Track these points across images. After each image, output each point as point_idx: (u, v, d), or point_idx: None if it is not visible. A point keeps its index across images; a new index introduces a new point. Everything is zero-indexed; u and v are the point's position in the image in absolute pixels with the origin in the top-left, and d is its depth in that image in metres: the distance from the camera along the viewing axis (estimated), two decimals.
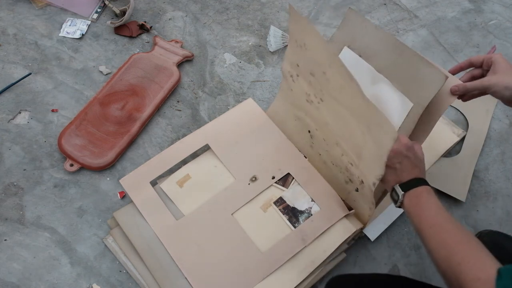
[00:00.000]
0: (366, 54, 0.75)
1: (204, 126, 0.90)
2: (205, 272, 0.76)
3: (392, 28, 1.17)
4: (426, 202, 0.60)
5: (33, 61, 1.02)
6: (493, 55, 0.68)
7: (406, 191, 0.63)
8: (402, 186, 0.63)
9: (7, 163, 0.88)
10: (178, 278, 0.76)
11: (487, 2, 1.24)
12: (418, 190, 0.62)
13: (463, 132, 0.99)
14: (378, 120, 0.62)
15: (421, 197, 0.61)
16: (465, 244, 0.54)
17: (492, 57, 0.68)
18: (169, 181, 0.85)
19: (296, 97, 0.82)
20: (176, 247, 0.78)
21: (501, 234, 0.85)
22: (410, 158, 0.65)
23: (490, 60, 0.68)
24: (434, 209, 0.59)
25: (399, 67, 0.71)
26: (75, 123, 0.91)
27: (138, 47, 1.06)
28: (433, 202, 0.60)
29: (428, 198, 0.61)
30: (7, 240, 0.81)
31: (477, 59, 0.70)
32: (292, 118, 0.86)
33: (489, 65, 0.68)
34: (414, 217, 0.60)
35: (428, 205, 0.60)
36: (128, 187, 0.84)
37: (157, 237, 0.79)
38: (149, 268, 0.77)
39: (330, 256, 0.78)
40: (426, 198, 0.61)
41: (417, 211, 0.60)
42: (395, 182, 0.65)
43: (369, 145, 0.67)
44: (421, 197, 0.61)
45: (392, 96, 0.73)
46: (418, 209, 0.60)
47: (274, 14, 1.16)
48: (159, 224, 0.80)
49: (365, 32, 0.75)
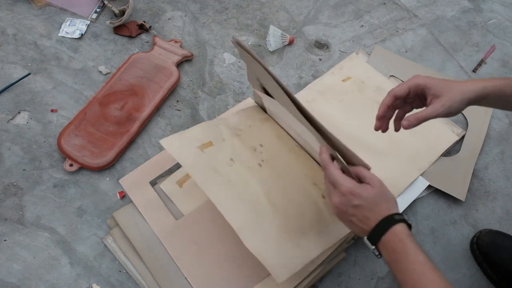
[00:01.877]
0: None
1: None
2: (205, 272, 0.76)
3: (392, 27, 1.17)
4: (401, 250, 0.54)
5: (33, 61, 1.02)
6: (414, 81, 0.64)
7: (376, 243, 0.56)
8: (371, 237, 0.57)
9: (7, 163, 0.88)
10: (178, 278, 0.76)
11: (486, 1, 1.24)
12: (387, 237, 0.55)
13: (462, 131, 0.99)
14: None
15: (393, 243, 0.55)
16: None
17: (418, 83, 0.64)
18: (169, 181, 0.85)
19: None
20: (176, 247, 0.78)
21: (500, 234, 0.85)
22: (361, 205, 0.57)
23: (418, 86, 0.64)
24: (410, 257, 0.54)
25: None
26: (75, 123, 0.91)
27: (137, 47, 1.06)
28: (408, 248, 0.54)
29: (403, 245, 0.54)
30: (7, 240, 0.81)
31: (401, 90, 0.65)
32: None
33: (419, 90, 0.64)
34: (392, 267, 0.55)
35: (404, 254, 0.54)
36: (127, 187, 0.84)
37: (157, 237, 0.79)
38: (149, 268, 0.77)
39: (330, 256, 0.78)
40: (400, 245, 0.54)
41: (394, 260, 0.55)
42: (363, 234, 0.58)
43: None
44: (395, 244, 0.55)
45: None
46: (395, 257, 0.54)
47: (274, 13, 1.16)
48: (159, 224, 0.80)
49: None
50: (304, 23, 1.16)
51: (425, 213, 0.90)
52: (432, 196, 0.92)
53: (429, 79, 0.64)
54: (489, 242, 0.84)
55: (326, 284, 0.81)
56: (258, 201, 0.72)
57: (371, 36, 1.15)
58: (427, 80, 0.64)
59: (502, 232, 0.86)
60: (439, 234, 0.88)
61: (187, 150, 0.74)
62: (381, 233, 0.56)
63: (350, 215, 0.59)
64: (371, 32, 1.15)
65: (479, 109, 1.03)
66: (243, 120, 0.83)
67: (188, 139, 0.75)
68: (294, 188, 0.75)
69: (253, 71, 0.74)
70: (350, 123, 0.96)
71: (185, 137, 0.76)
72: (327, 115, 0.96)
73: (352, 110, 0.98)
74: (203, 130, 0.78)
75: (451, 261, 0.86)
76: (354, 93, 1.01)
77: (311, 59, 1.09)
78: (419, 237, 0.87)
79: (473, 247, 0.86)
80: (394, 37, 1.15)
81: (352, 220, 0.59)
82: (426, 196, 0.91)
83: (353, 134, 0.94)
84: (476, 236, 0.86)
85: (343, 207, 0.59)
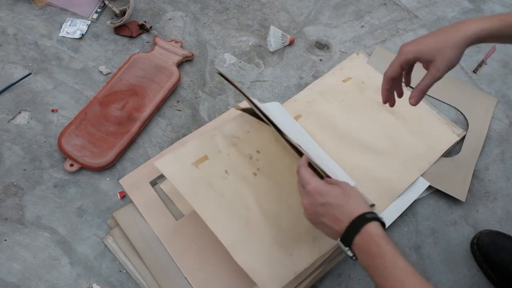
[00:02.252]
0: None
1: (204, 126, 0.90)
2: (205, 272, 0.76)
3: (392, 28, 1.17)
4: (378, 254, 0.51)
5: (33, 61, 1.02)
6: (403, 57, 0.62)
7: (350, 245, 0.54)
8: (344, 239, 0.54)
9: (7, 163, 0.88)
10: (178, 278, 0.76)
11: (487, 2, 1.24)
12: (361, 238, 0.53)
13: (463, 132, 0.99)
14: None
15: (368, 246, 0.52)
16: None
17: (407, 59, 0.61)
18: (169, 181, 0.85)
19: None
20: (176, 247, 0.78)
21: (501, 234, 0.85)
22: (328, 203, 0.56)
23: (408, 61, 0.62)
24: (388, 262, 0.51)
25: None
26: (75, 123, 0.91)
27: (138, 47, 1.06)
28: (385, 252, 0.51)
29: (378, 247, 0.52)
30: (7, 240, 0.81)
31: (394, 71, 0.63)
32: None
33: (412, 63, 0.62)
34: (370, 271, 0.52)
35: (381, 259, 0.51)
36: (128, 187, 0.84)
37: (157, 237, 0.79)
38: (149, 268, 0.77)
39: (330, 256, 0.78)
40: (376, 247, 0.52)
41: (371, 265, 0.52)
42: (336, 236, 0.56)
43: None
44: (370, 246, 0.52)
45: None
46: (372, 261, 0.52)
47: (274, 14, 1.16)
48: (159, 224, 0.80)
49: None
50: (304, 23, 1.16)
51: (426, 214, 0.90)
52: (433, 196, 0.92)
53: (416, 48, 0.61)
54: (490, 243, 0.84)
55: (326, 284, 0.81)
56: (251, 214, 0.73)
57: (371, 36, 1.15)
58: (415, 51, 0.61)
59: (503, 232, 0.86)
60: (439, 235, 0.88)
61: (181, 169, 0.75)
62: (353, 233, 0.53)
63: (320, 215, 0.57)
64: (372, 33, 1.15)
65: (480, 109, 1.04)
66: (240, 125, 0.83)
67: (182, 156, 0.77)
68: (289, 195, 0.76)
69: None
70: (351, 124, 0.96)
71: (179, 155, 0.77)
72: (327, 115, 0.96)
73: (352, 110, 0.98)
74: (198, 144, 0.79)
75: (451, 262, 0.86)
76: (355, 94, 1.01)
77: (312, 60, 1.09)
78: (420, 237, 0.87)
79: (474, 247, 0.86)
80: (394, 37, 1.15)
81: (324, 222, 0.57)
82: (426, 196, 0.91)
83: (353, 135, 0.94)
84: (477, 236, 0.86)
85: (311, 206, 0.58)
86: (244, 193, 0.75)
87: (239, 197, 0.75)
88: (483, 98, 1.06)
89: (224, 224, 0.71)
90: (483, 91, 1.08)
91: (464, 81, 1.09)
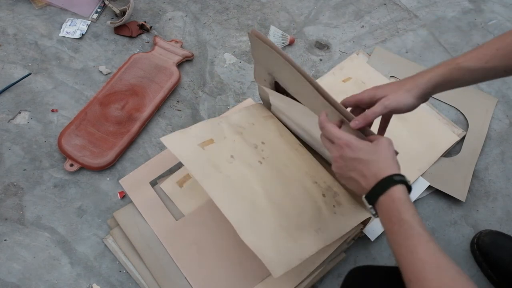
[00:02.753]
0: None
1: None
2: (205, 272, 0.76)
3: (392, 28, 1.17)
4: (397, 220, 0.52)
5: (33, 61, 1.02)
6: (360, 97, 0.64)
7: (374, 203, 0.54)
8: (369, 197, 0.55)
9: (7, 163, 0.88)
10: (178, 278, 0.76)
11: (487, 2, 1.24)
12: (384, 200, 0.53)
13: (463, 132, 0.99)
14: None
15: (390, 211, 0.52)
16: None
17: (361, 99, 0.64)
18: (169, 181, 0.85)
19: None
20: (176, 248, 0.78)
21: (501, 234, 0.85)
22: (358, 158, 0.56)
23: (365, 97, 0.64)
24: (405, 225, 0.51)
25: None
26: (75, 123, 0.91)
27: (138, 47, 1.06)
28: (402, 214, 0.51)
29: (399, 213, 0.52)
30: (7, 240, 0.81)
31: (348, 101, 0.66)
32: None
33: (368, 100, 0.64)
34: (388, 236, 0.53)
35: (398, 225, 0.52)
36: (128, 188, 0.84)
37: (157, 237, 0.79)
38: (149, 268, 0.77)
39: (330, 256, 0.78)
40: (397, 214, 0.52)
41: (389, 230, 0.53)
42: (362, 192, 0.56)
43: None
44: (391, 212, 0.52)
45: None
46: (391, 227, 0.52)
47: (274, 14, 1.16)
48: (159, 224, 0.80)
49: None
50: (304, 23, 1.16)
51: (426, 214, 0.90)
52: (433, 196, 0.92)
53: (372, 90, 0.64)
54: (490, 243, 0.84)
55: (326, 285, 0.81)
56: (257, 197, 0.72)
57: (371, 36, 1.15)
58: (370, 91, 0.64)
59: (503, 232, 0.86)
60: (439, 235, 0.88)
61: (187, 148, 0.74)
62: (378, 194, 0.53)
63: (349, 170, 0.57)
64: (372, 33, 1.15)
65: (480, 109, 1.03)
66: (245, 118, 0.83)
67: (189, 137, 0.76)
68: (294, 186, 0.76)
69: (264, 65, 0.74)
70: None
71: (186, 135, 0.76)
72: None
73: None
74: (204, 127, 0.78)
75: None
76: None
77: (312, 60, 1.09)
78: None
79: (473, 247, 0.86)
80: (394, 37, 1.15)
81: (352, 176, 0.56)
82: (426, 196, 0.91)
83: None
84: (477, 236, 0.86)
85: (341, 160, 0.57)
86: (250, 178, 0.74)
87: (245, 181, 0.73)
88: (483, 98, 1.06)
89: (231, 203, 0.69)
90: (483, 91, 1.08)
91: None
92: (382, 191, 0.53)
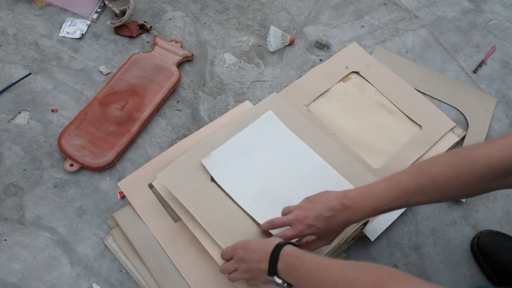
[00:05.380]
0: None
1: (202, 128, 0.91)
2: (204, 275, 0.76)
3: (392, 28, 1.17)
4: (298, 261, 0.57)
5: (33, 61, 1.02)
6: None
7: (276, 273, 0.59)
8: (270, 271, 0.59)
9: (7, 163, 0.88)
10: (178, 278, 0.76)
11: (487, 2, 1.24)
12: (282, 261, 0.58)
13: (463, 132, 0.99)
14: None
15: (290, 263, 0.57)
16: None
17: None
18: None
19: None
20: (175, 250, 0.78)
21: (501, 234, 0.85)
22: (244, 255, 0.63)
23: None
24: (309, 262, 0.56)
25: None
26: (75, 123, 0.91)
27: (138, 47, 1.06)
28: (303, 257, 0.57)
29: (298, 259, 0.57)
30: (7, 240, 0.81)
31: (265, 225, 0.70)
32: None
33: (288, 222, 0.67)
34: (299, 283, 0.57)
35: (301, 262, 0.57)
36: (126, 190, 0.83)
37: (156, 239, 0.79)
38: (149, 268, 0.77)
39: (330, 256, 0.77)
40: (297, 261, 0.57)
41: (298, 277, 0.57)
42: (264, 274, 0.60)
43: None
44: (292, 263, 0.57)
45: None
46: (297, 274, 0.57)
47: (274, 14, 1.16)
48: (158, 226, 0.80)
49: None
50: (304, 23, 1.16)
51: (426, 214, 0.90)
52: None
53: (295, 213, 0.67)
54: (489, 243, 0.84)
55: None
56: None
57: (371, 36, 1.15)
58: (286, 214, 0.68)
59: (503, 232, 0.86)
60: (439, 235, 0.88)
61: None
62: (275, 262, 0.58)
63: (243, 271, 0.63)
64: (372, 33, 1.15)
65: (480, 109, 1.03)
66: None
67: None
68: None
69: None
70: (351, 124, 0.96)
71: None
72: (327, 115, 0.96)
73: (352, 110, 0.98)
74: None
75: (451, 262, 0.86)
76: (355, 94, 1.01)
77: (312, 60, 1.09)
78: (420, 238, 0.87)
79: (473, 247, 0.86)
80: (394, 37, 1.15)
81: (249, 271, 0.62)
82: None
83: (353, 135, 0.94)
84: (476, 236, 0.86)
85: (234, 264, 0.65)
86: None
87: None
88: (483, 98, 1.06)
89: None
90: (483, 91, 1.08)
91: (464, 81, 1.09)
92: (276, 258, 0.58)
